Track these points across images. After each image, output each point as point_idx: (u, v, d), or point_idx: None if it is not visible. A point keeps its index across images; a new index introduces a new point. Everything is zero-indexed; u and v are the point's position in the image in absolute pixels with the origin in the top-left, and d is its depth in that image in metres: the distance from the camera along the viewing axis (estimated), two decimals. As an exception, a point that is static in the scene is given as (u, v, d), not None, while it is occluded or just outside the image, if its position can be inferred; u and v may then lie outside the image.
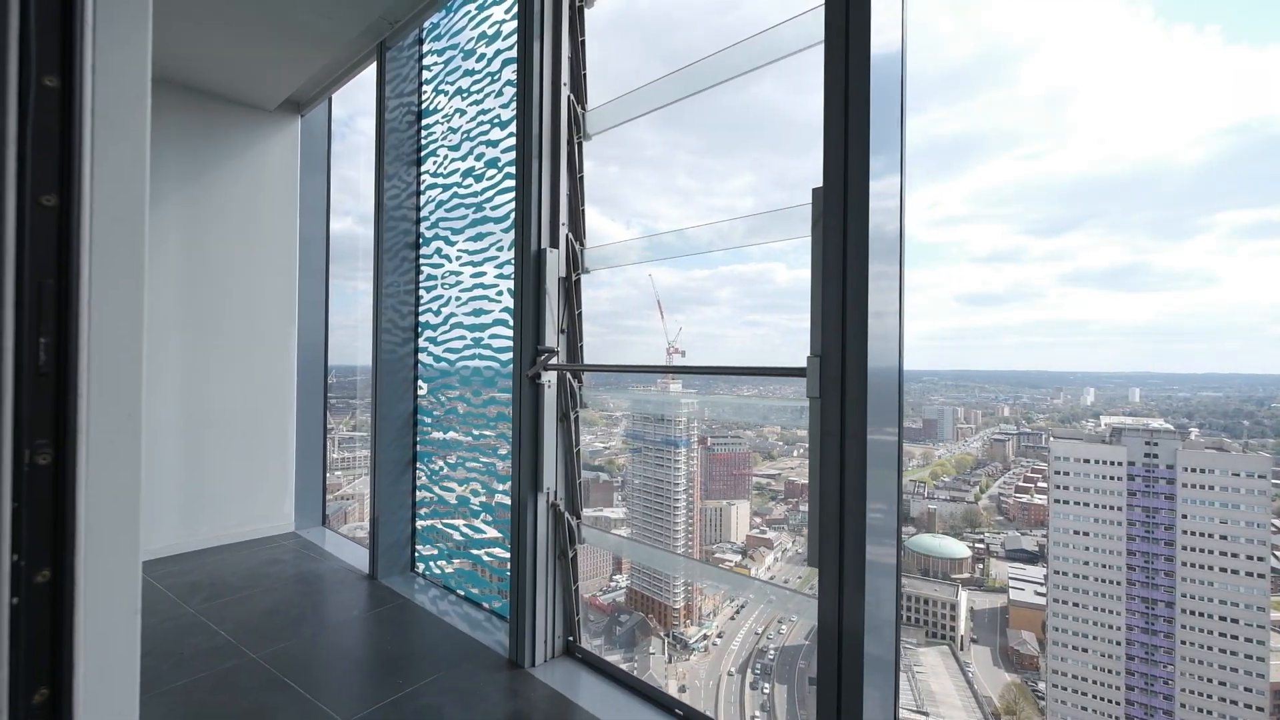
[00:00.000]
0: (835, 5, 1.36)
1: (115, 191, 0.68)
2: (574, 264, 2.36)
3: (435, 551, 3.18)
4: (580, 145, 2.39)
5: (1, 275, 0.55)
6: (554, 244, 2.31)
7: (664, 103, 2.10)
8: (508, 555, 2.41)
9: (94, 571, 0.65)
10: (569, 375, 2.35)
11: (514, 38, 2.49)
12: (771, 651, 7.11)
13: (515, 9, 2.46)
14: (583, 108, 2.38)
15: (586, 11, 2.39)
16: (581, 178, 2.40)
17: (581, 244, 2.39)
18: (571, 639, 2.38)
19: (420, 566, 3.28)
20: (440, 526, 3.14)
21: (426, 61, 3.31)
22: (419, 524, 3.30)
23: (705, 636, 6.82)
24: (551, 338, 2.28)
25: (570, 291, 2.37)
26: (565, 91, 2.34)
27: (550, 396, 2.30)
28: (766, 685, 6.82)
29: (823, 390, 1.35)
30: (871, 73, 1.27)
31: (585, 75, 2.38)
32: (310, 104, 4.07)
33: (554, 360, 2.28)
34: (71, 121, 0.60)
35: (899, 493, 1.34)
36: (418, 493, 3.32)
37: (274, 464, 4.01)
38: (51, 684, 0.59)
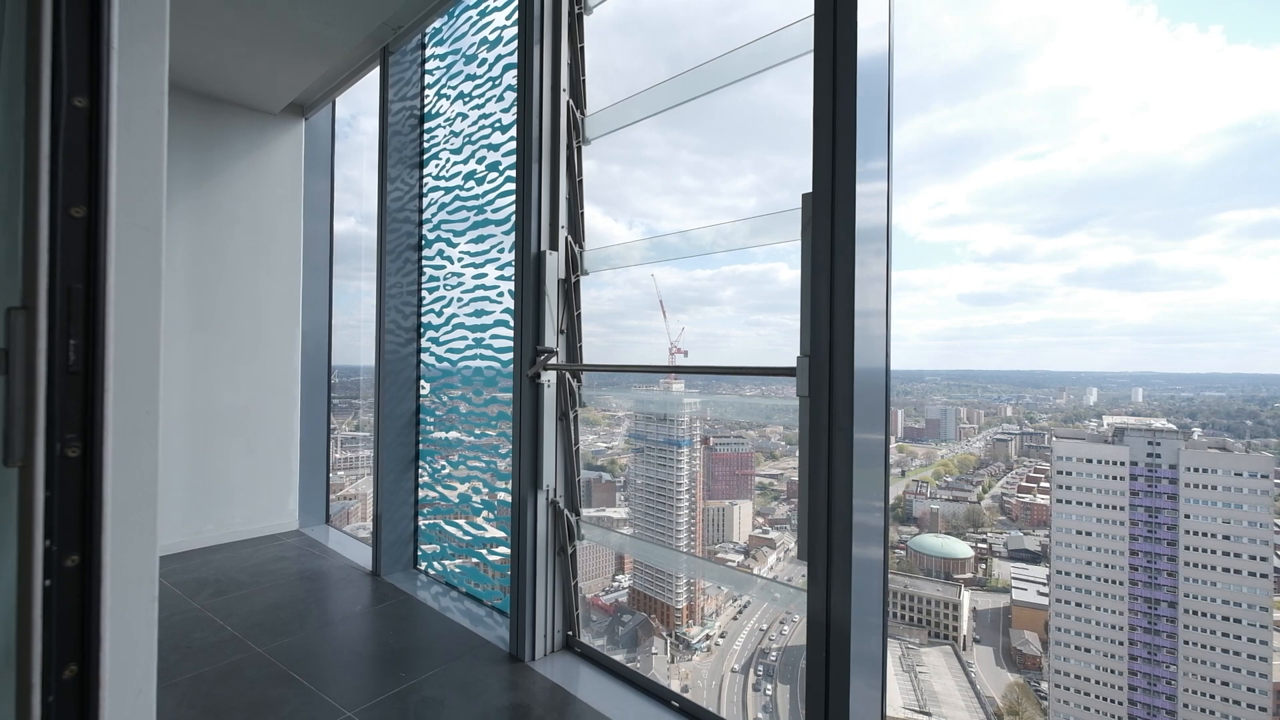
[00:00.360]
0: (824, 16, 1.40)
1: (136, 201, 0.73)
2: (573, 266, 2.41)
3: (437, 549, 3.22)
4: (579, 149, 2.43)
5: (36, 281, 0.60)
6: (553, 246, 2.35)
7: (663, 107, 2.14)
8: (508, 552, 2.45)
9: (117, 557, 0.70)
10: (568, 375, 2.40)
11: (515, 43, 2.53)
12: (774, 653, 7.12)
13: (516, 15, 2.51)
14: (582, 113, 2.42)
15: (586, 18, 2.43)
16: (580, 181, 2.44)
17: (581, 246, 2.43)
18: (571, 634, 2.42)
19: (423, 564, 3.32)
20: (442, 524, 3.19)
21: (429, 66, 3.36)
22: (421, 522, 3.35)
23: (708, 636, 6.84)
24: (551, 338, 2.33)
25: (570, 293, 2.42)
26: (565, 97, 2.38)
27: (550, 396, 2.35)
28: (769, 686, 6.83)
29: (811, 389, 1.39)
30: (858, 82, 1.32)
31: (584, 81, 2.43)
32: (314, 107, 4.13)
33: (553, 360, 2.33)
34: (98, 138, 0.64)
35: (885, 487, 1.38)
36: (420, 491, 3.37)
37: (278, 462, 4.07)
38: (80, 661, 0.64)
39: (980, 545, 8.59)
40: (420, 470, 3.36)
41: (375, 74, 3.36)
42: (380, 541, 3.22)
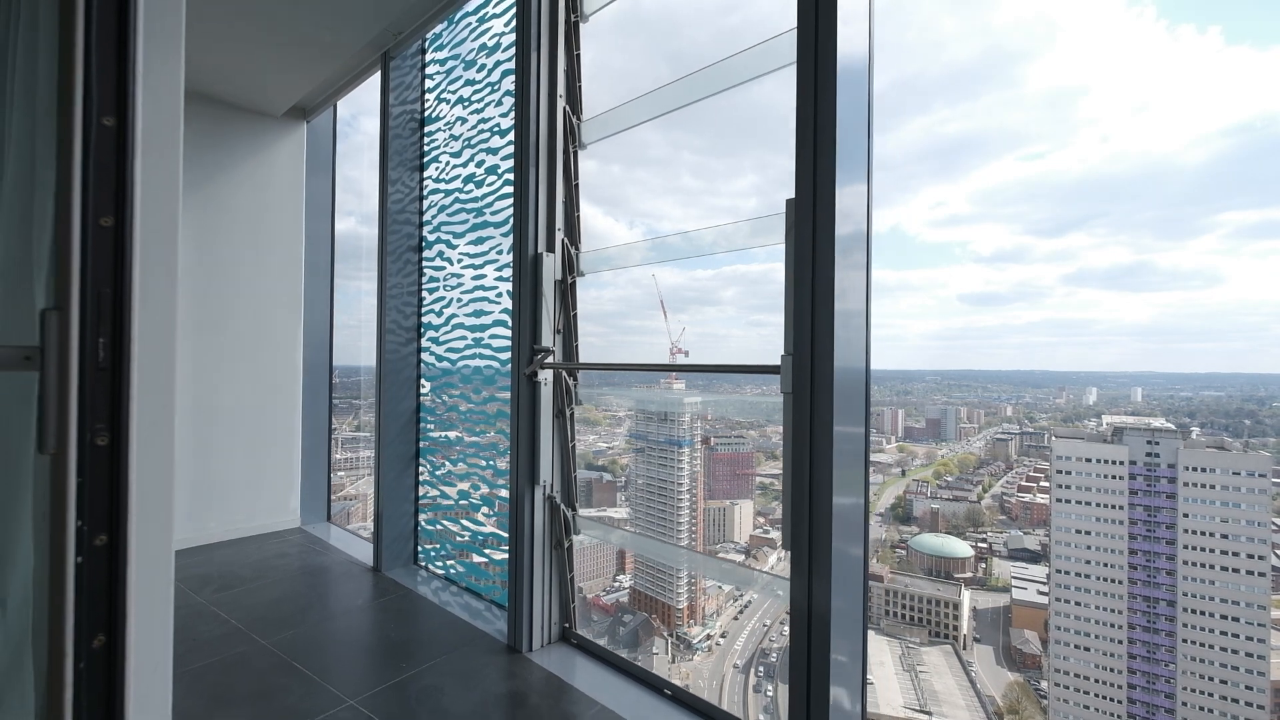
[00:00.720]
0: (805, 29, 1.46)
1: (156, 210, 0.79)
2: (569, 267, 2.46)
3: (437, 545, 3.28)
4: (576, 154, 2.49)
5: (69, 285, 0.66)
6: (550, 249, 2.41)
7: (661, 111, 2.18)
8: (507, 548, 2.51)
9: (140, 538, 0.75)
10: (564, 373, 2.46)
11: (513, 49, 2.59)
12: (775, 653, 7.15)
13: (514, 22, 2.56)
14: (578, 118, 2.48)
15: (582, 26, 2.49)
16: (577, 185, 2.50)
17: (577, 249, 2.49)
18: (568, 626, 2.48)
19: (423, 560, 3.38)
20: (443, 521, 3.25)
21: (429, 71, 3.42)
22: (421, 518, 3.41)
23: (709, 636, 6.86)
24: (548, 338, 2.39)
25: (566, 294, 2.47)
26: (561, 103, 2.44)
27: (547, 394, 2.40)
28: (770, 687, 6.86)
29: (795, 386, 1.44)
30: (839, 93, 1.37)
31: (581, 87, 2.48)
32: (316, 110, 4.19)
33: (550, 359, 2.38)
34: (125, 153, 0.70)
35: (865, 480, 1.44)
36: (420, 488, 3.43)
37: (280, 460, 4.12)
38: (108, 632, 0.70)
39: (980, 544, 8.63)
40: (420, 468, 3.42)
41: (376, 78, 3.42)
42: (381, 538, 3.27)
